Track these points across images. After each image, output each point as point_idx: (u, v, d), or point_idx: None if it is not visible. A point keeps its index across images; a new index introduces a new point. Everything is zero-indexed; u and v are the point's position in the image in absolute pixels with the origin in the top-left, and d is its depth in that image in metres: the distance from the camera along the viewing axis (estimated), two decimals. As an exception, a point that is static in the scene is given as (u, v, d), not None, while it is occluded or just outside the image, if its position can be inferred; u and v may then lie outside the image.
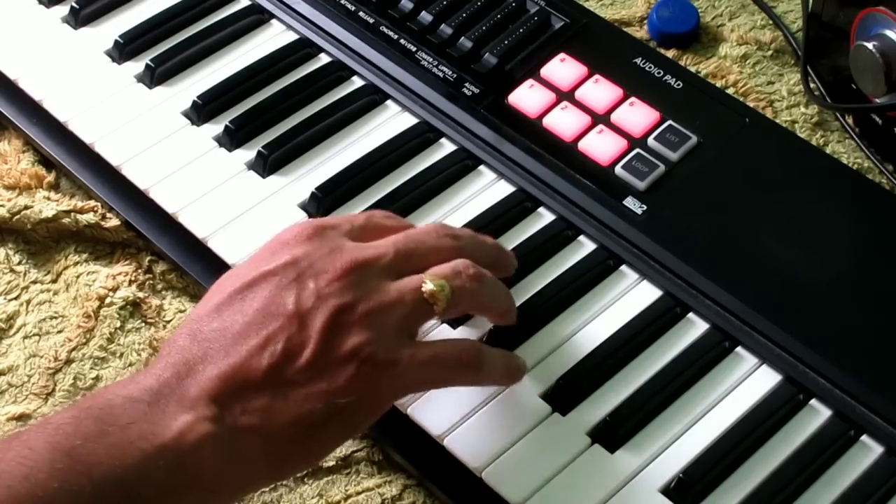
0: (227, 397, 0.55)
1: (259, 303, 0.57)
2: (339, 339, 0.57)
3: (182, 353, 0.56)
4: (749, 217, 0.72)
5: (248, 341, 0.56)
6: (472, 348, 0.62)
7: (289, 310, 0.57)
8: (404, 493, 0.67)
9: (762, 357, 0.68)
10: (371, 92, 0.81)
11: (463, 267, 0.61)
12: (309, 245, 0.60)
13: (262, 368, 0.55)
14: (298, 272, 0.58)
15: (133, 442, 0.53)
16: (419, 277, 0.60)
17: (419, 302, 0.59)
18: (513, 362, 0.65)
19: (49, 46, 0.85)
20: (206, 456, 0.54)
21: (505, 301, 0.65)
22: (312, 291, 0.57)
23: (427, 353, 0.59)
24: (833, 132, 0.84)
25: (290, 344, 0.56)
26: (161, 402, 0.54)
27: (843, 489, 0.63)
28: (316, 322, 0.57)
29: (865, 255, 0.71)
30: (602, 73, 0.79)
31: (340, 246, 0.60)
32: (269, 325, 0.56)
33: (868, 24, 0.78)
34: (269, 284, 0.58)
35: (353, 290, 0.58)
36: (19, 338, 0.74)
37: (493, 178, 0.77)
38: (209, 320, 0.58)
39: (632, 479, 0.63)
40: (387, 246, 0.61)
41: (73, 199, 0.79)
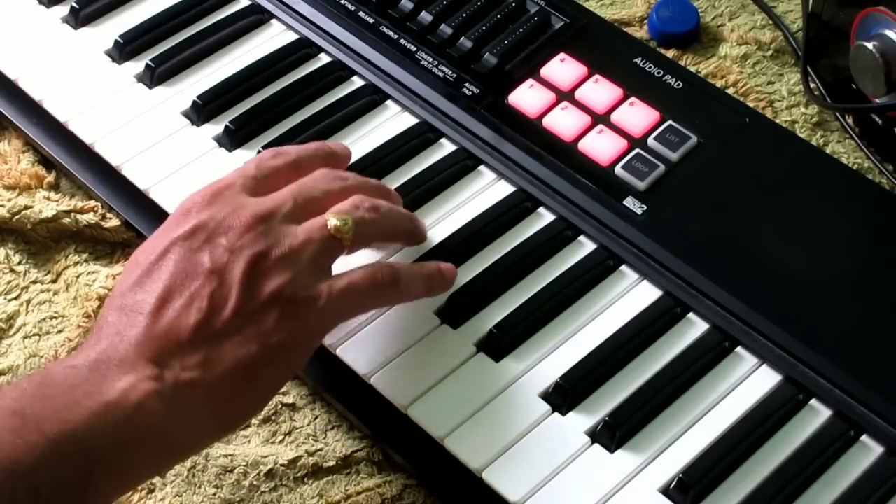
0: (165, 356, 0.57)
1: (176, 266, 0.60)
2: (259, 285, 0.60)
3: (113, 326, 0.59)
4: (749, 217, 0.72)
5: (174, 303, 0.59)
6: (384, 267, 0.65)
7: (206, 268, 0.60)
8: (404, 493, 0.67)
9: (762, 357, 0.68)
10: (371, 92, 0.81)
11: (360, 201, 0.65)
12: (211, 209, 0.63)
13: (191, 325, 0.58)
14: (208, 233, 0.61)
15: (79, 401, 0.55)
16: (322, 217, 0.64)
17: (327, 238, 0.63)
18: (429, 270, 0.68)
19: (49, 46, 0.85)
20: (152, 412, 0.56)
21: (407, 224, 0.70)
22: (225, 247, 0.60)
23: (343, 281, 0.62)
24: (833, 132, 0.84)
25: (214, 297, 0.59)
26: (101, 368, 0.57)
27: (843, 489, 0.63)
28: (234, 273, 0.60)
29: (865, 255, 0.71)
30: (602, 73, 0.79)
31: (241, 203, 0.63)
32: (190, 285, 0.59)
33: (868, 24, 0.78)
34: (182, 248, 0.61)
35: (262, 238, 0.61)
36: (19, 338, 0.74)
37: (493, 178, 0.77)
38: (132, 293, 0.60)
39: (632, 479, 0.63)
40: (285, 196, 0.64)
41: (73, 199, 0.79)
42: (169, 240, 0.61)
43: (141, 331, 0.58)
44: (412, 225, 0.70)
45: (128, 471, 0.57)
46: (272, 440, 0.69)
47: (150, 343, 0.58)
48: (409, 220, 0.70)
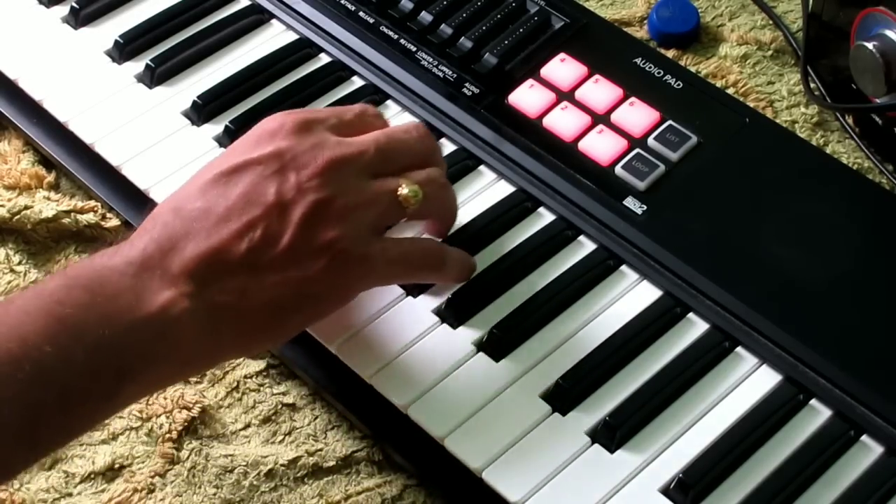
0: (206, 276, 0.58)
1: (242, 189, 0.60)
2: (316, 231, 0.60)
3: (165, 229, 0.59)
4: (749, 217, 0.72)
5: (229, 224, 0.59)
6: (437, 250, 0.67)
7: (270, 199, 0.60)
8: (404, 493, 0.67)
9: (762, 357, 0.68)
10: (371, 92, 0.81)
11: (437, 175, 0.67)
12: (293, 138, 0.62)
13: (241, 251, 0.59)
14: (282, 164, 0.61)
15: (120, 312, 0.56)
16: (397, 181, 0.64)
17: (393, 203, 0.63)
18: (468, 262, 0.70)
19: (49, 46, 0.85)
20: (184, 328, 0.58)
21: (455, 213, 0.71)
22: (294, 184, 0.60)
23: (396, 250, 0.64)
24: (833, 132, 0.84)
25: (269, 231, 0.59)
26: (145, 275, 0.58)
27: (843, 489, 0.63)
28: (295, 213, 0.60)
29: (865, 255, 0.71)
30: (602, 73, 0.79)
31: (323, 141, 0.63)
32: (250, 212, 0.60)
33: (868, 24, 0.78)
34: (253, 173, 0.61)
35: (332, 185, 0.61)
36: (19, 338, 0.74)
37: (493, 178, 0.77)
38: (193, 199, 0.60)
39: (632, 479, 0.63)
40: (368, 143, 0.64)
41: (73, 199, 0.79)
42: (243, 158, 0.61)
43: (191, 245, 0.59)
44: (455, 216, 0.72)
45: (150, 380, 0.59)
46: (272, 440, 0.69)
47: (196, 259, 0.58)
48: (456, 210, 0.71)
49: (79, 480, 0.68)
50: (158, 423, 0.70)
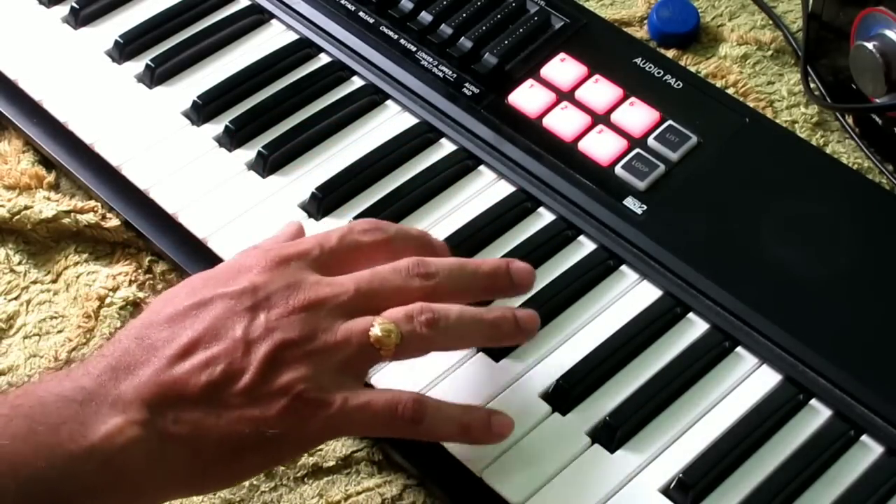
0: (162, 404, 0.56)
1: (210, 322, 0.59)
2: (278, 372, 0.58)
3: (125, 356, 0.57)
4: (749, 217, 0.72)
5: (192, 356, 0.57)
6: (410, 400, 0.60)
7: (237, 335, 0.58)
8: (404, 493, 0.67)
9: (762, 357, 0.68)
10: (371, 92, 0.81)
11: (417, 311, 0.60)
12: (269, 274, 0.60)
13: (200, 384, 0.57)
14: (254, 302, 0.59)
15: (62, 443, 0.54)
16: (368, 321, 0.60)
17: (364, 346, 0.59)
18: (470, 418, 0.62)
19: (49, 46, 0.85)
20: (132, 458, 0.55)
21: (483, 332, 0.64)
22: (262, 323, 0.59)
23: (361, 399, 0.59)
24: (833, 132, 0.84)
25: (231, 368, 0.57)
26: (94, 402, 0.55)
27: (843, 489, 0.63)
28: (259, 352, 0.58)
29: (865, 255, 0.71)
30: (602, 73, 0.79)
31: (300, 281, 0.60)
32: (215, 346, 0.58)
33: (868, 24, 0.78)
34: (224, 307, 0.59)
35: (300, 326, 0.59)
36: (19, 338, 0.74)
37: (493, 178, 0.77)
38: (158, 329, 0.59)
39: (632, 479, 0.63)
40: (347, 284, 0.61)
41: (73, 199, 0.79)
42: (215, 292, 0.60)
43: (149, 372, 0.57)
44: (485, 334, 0.64)
45: None
46: (272, 440, 0.69)
47: (153, 386, 0.56)
48: (489, 327, 0.63)
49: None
50: (158, 423, 0.70)
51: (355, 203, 0.75)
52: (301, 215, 0.75)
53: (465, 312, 0.62)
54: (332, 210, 0.75)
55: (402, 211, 0.75)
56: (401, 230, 0.66)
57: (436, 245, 0.67)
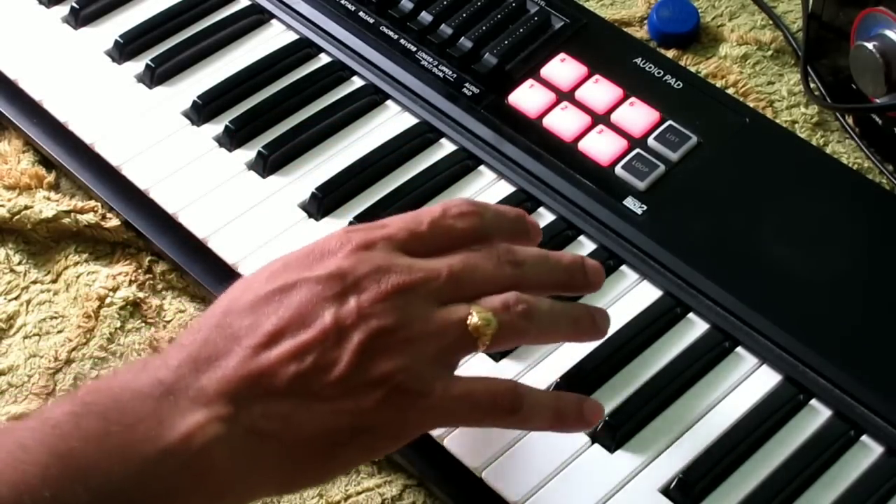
0: (248, 397, 0.53)
1: (297, 309, 0.55)
2: (373, 361, 0.54)
3: (206, 345, 0.54)
4: (749, 217, 0.72)
5: (281, 345, 0.54)
6: (509, 390, 0.58)
7: (326, 322, 0.54)
8: (404, 494, 0.67)
9: (762, 357, 0.68)
10: (371, 92, 0.81)
11: (514, 301, 0.58)
12: (357, 257, 0.57)
13: (290, 375, 0.53)
14: (343, 286, 0.55)
15: (137, 443, 0.50)
16: (466, 308, 0.57)
17: (462, 334, 0.57)
18: (563, 404, 0.60)
19: (49, 46, 0.85)
20: (215, 457, 0.51)
21: (567, 329, 0.62)
22: (353, 308, 0.55)
23: (460, 388, 0.56)
24: (833, 132, 0.84)
25: (323, 357, 0.54)
26: (172, 396, 0.52)
27: (843, 489, 0.63)
28: (352, 340, 0.54)
29: (865, 255, 0.71)
30: (602, 73, 0.79)
31: (390, 264, 0.57)
32: (304, 334, 0.54)
33: (868, 24, 0.78)
34: (310, 292, 0.55)
35: (395, 313, 0.55)
36: (19, 338, 0.74)
37: (493, 178, 0.77)
38: (240, 315, 0.55)
39: (632, 479, 0.63)
40: (439, 269, 0.58)
41: (73, 199, 0.79)
42: (300, 276, 0.56)
43: (232, 362, 0.53)
44: (576, 328, 0.62)
45: None
46: (272, 440, 0.69)
47: (237, 379, 0.53)
48: (571, 325, 0.62)
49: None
50: (158, 423, 0.70)
51: (355, 203, 0.75)
52: (301, 216, 0.75)
53: (555, 306, 0.60)
54: (332, 210, 0.75)
55: (403, 211, 0.74)
56: (497, 215, 0.62)
57: (531, 229, 0.64)
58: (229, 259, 0.73)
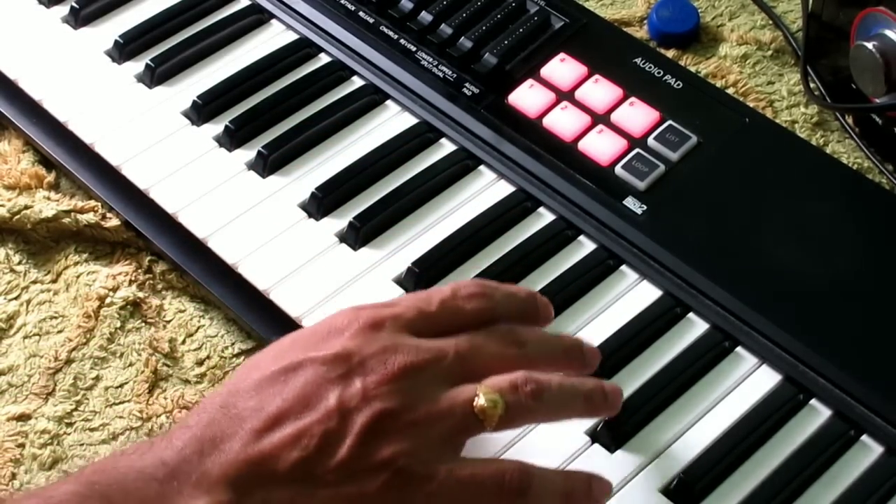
0: (249, 483, 0.52)
1: (301, 389, 0.54)
2: (378, 444, 0.53)
3: (210, 427, 0.54)
4: (749, 217, 0.72)
5: (283, 428, 0.53)
6: (516, 471, 0.56)
7: (331, 404, 0.54)
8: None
9: (762, 357, 0.68)
10: (371, 92, 0.81)
11: (522, 381, 0.57)
12: (362, 338, 0.56)
13: (292, 460, 0.53)
14: (349, 367, 0.55)
15: None
16: (473, 389, 0.56)
17: (469, 416, 0.55)
18: (573, 484, 0.59)
19: (49, 46, 0.85)
20: None
21: (578, 406, 0.60)
22: (358, 390, 0.54)
23: (466, 471, 0.55)
24: (833, 132, 0.84)
25: (326, 440, 0.53)
26: (176, 481, 0.52)
27: (843, 489, 0.63)
28: (357, 422, 0.53)
29: (865, 255, 0.71)
30: (602, 73, 0.79)
31: (397, 345, 0.56)
32: (308, 416, 0.54)
33: (868, 24, 0.78)
34: (315, 373, 0.55)
35: (400, 395, 0.55)
36: (19, 338, 0.74)
37: (493, 178, 0.77)
38: (246, 397, 0.55)
39: (632, 479, 0.63)
40: (446, 349, 0.57)
41: (73, 199, 0.79)
42: (305, 356, 0.55)
43: (237, 446, 0.53)
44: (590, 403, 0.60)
45: None
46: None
47: (239, 464, 0.52)
48: (584, 400, 0.60)
49: (79, 480, 0.68)
50: (158, 423, 0.70)
51: (355, 203, 0.75)
52: (301, 215, 0.75)
53: (564, 383, 0.59)
54: (332, 210, 0.75)
55: (402, 211, 0.75)
56: (507, 297, 0.62)
57: (540, 309, 0.63)
58: (229, 259, 0.73)
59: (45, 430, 0.69)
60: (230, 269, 0.73)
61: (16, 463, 0.68)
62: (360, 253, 0.73)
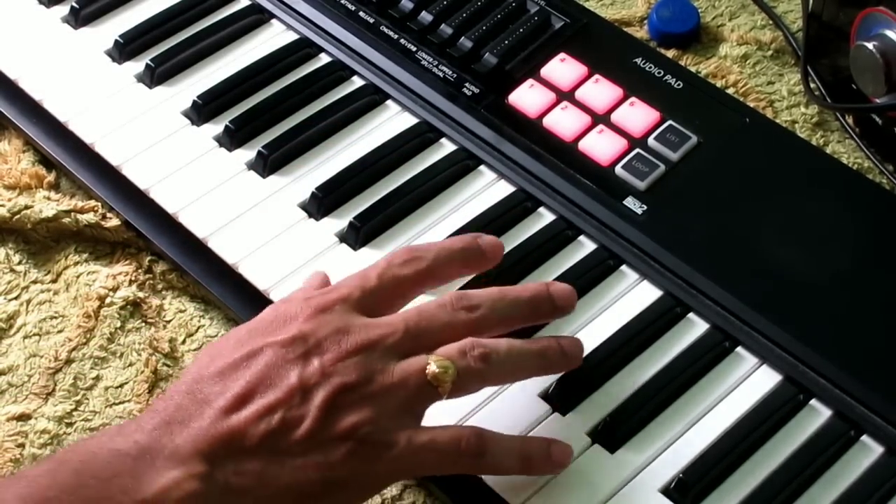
0: (220, 456, 0.55)
1: (263, 371, 0.57)
2: (338, 416, 0.57)
3: (178, 410, 0.56)
4: (749, 217, 0.72)
5: (249, 406, 0.56)
6: (472, 435, 0.59)
7: (292, 382, 0.57)
8: (404, 494, 0.67)
9: (762, 357, 0.68)
10: (371, 92, 0.81)
11: (469, 346, 0.60)
12: (316, 321, 0.59)
13: (259, 434, 0.56)
14: (306, 348, 0.58)
15: (112, 497, 0.52)
16: (424, 359, 0.59)
17: (422, 384, 0.59)
18: (531, 448, 0.62)
19: (49, 46, 0.85)
20: None
21: (533, 364, 0.63)
22: (317, 368, 0.58)
23: (424, 437, 0.58)
24: (833, 132, 0.84)
25: (289, 415, 0.56)
26: (148, 455, 0.54)
27: (843, 489, 0.63)
28: (317, 397, 0.57)
29: (865, 255, 0.71)
30: (602, 73, 0.79)
31: (348, 325, 0.60)
32: (271, 394, 0.57)
33: (868, 24, 0.78)
34: (275, 355, 0.58)
35: (357, 369, 0.58)
36: (19, 338, 0.74)
37: (493, 178, 0.77)
38: (210, 381, 0.58)
39: (632, 479, 0.63)
40: (396, 324, 0.60)
41: (73, 199, 0.79)
42: (265, 341, 0.59)
43: (205, 424, 0.55)
44: (536, 365, 0.63)
45: None
46: (272, 440, 0.69)
47: (210, 439, 0.55)
48: (537, 357, 0.63)
49: (79, 480, 0.68)
50: (158, 423, 0.70)
51: (355, 203, 0.75)
52: (301, 215, 0.75)
53: (513, 345, 0.62)
54: (332, 210, 0.75)
55: (403, 211, 0.75)
56: (440, 252, 0.64)
57: (485, 249, 0.66)
58: (229, 259, 0.73)
59: (45, 430, 0.69)
60: (230, 269, 0.73)
61: (16, 463, 0.68)
62: (361, 253, 0.73)
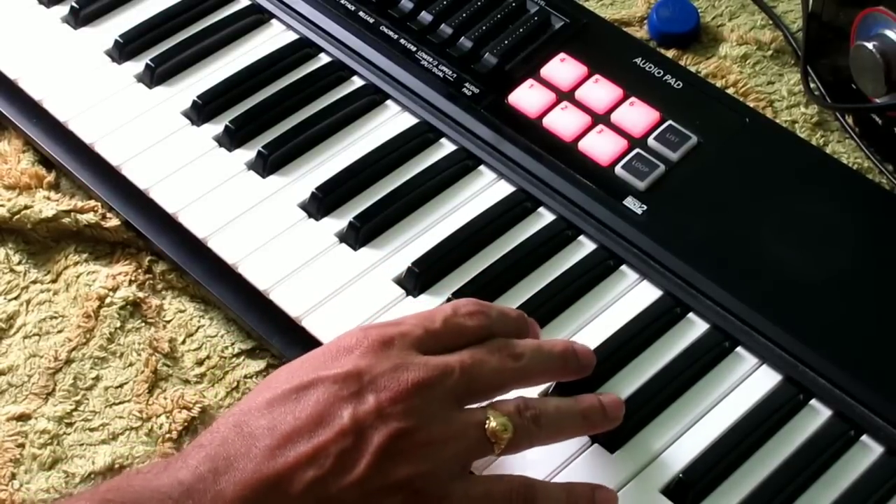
0: (264, 502, 0.53)
1: (314, 408, 0.55)
2: (394, 464, 0.54)
3: (223, 446, 0.54)
4: (749, 217, 0.72)
5: (297, 446, 0.54)
6: (522, 486, 0.58)
7: (345, 422, 0.54)
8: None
9: (762, 357, 0.68)
10: (371, 92, 0.81)
11: (524, 406, 0.59)
12: (373, 357, 0.57)
13: (307, 479, 0.53)
14: (360, 385, 0.55)
15: None
16: (482, 412, 0.58)
17: (480, 438, 0.57)
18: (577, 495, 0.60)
19: (49, 46, 0.85)
20: None
21: (577, 425, 0.62)
22: (371, 407, 0.55)
23: (479, 490, 0.56)
24: (833, 132, 0.84)
25: (342, 459, 0.53)
26: (191, 500, 0.52)
27: (843, 489, 0.63)
28: (372, 441, 0.54)
29: (865, 255, 0.71)
30: (602, 73, 0.79)
31: (406, 363, 0.57)
32: (322, 434, 0.54)
33: (868, 24, 0.78)
34: (327, 391, 0.55)
35: (415, 414, 0.55)
36: (19, 338, 0.74)
37: (493, 178, 0.77)
38: (258, 415, 0.55)
39: (632, 479, 0.63)
40: (452, 365, 0.58)
41: (73, 199, 0.79)
42: (317, 375, 0.56)
43: (251, 465, 0.53)
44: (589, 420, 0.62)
45: None
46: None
47: (254, 483, 0.53)
48: (582, 418, 0.62)
49: (79, 480, 0.68)
50: (158, 423, 0.70)
51: (355, 203, 0.75)
52: (301, 215, 0.75)
53: (561, 405, 0.61)
54: (332, 210, 0.75)
55: (403, 211, 0.75)
56: (501, 315, 0.63)
57: (530, 328, 0.65)
58: (229, 259, 0.73)
59: (45, 430, 0.69)
60: (230, 269, 0.73)
61: (16, 463, 0.68)
62: (360, 253, 0.73)
